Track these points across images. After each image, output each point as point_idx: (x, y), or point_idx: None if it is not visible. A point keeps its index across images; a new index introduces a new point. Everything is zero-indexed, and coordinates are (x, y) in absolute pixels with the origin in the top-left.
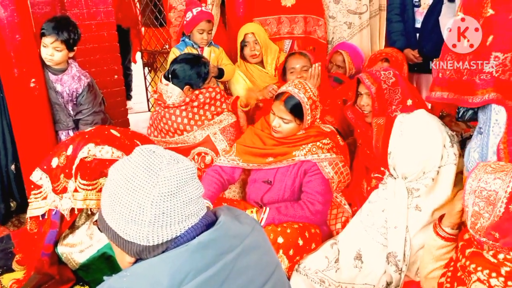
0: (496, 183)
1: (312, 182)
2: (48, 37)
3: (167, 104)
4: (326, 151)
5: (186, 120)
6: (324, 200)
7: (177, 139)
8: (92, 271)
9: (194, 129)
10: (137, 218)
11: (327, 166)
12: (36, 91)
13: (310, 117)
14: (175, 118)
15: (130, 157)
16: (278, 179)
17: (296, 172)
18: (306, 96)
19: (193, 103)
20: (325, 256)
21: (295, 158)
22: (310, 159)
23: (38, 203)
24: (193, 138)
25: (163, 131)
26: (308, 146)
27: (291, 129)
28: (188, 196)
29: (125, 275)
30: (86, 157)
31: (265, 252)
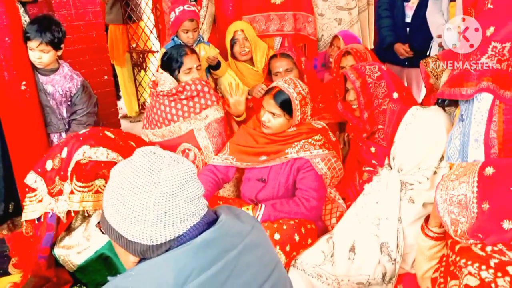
0: (462, 187)
1: (305, 178)
2: (33, 41)
3: (158, 91)
4: (318, 147)
5: (174, 110)
6: (319, 196)
7: (164, 131)
8: (90, 273)
9: (180, 120)
10: (140, 219)
11: (319, 162)
12: (27, 94)
13: (300, 112)
14: (164, 108)
15: (131, 158)
16: (272, 177)
17: (289, 169)
18: (295, 91)
19: (180, 94)
20: (321, 250)
21: (288, 155)
22: (303, 156)
23: (34, 206)
24: (178, 129)
25: (153, 121)
26: (300, 143)
27: (280, 124)
28: (189, 195)
29: (130, 274)
30: (82, 159)
31: (266, 249)
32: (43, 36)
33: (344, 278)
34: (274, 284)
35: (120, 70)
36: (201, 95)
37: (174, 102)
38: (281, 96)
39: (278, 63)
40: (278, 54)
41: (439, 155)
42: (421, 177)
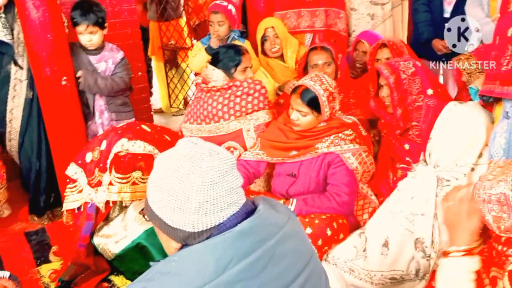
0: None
1: (336, 174)
2: (81, 25)
3: (209, 87)
4: (349, 142)
5: (226, 108)
6: (350, 191)
7: (211, 127)
8: (127, 261)
9: (231, 119)
10: (183, 206)
11: (350, 157)
12: (68, 89)
13: (328, 109)
14: (216, 104)
15: (174, 149)
16: (303, 172)
17: (320, 164)
18: (322, 88)
19: (234, 89)
20: (353, 245)
21: (318, 150)
22: (333, 151)
23: (74, 196)
24: (226, 127)
25: (201, 117)
26: (330, 138)
27: (309, 121)
28: (230, 185)
29: (172, 259)
30: (120, 152)
31: (302, 240)
32: (88, 19)
33: (376, 273)
34: (310, 275)
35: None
36: (255, 95)
37: (227, 100)
38: (308, 95)
39: (317, 56)
40: (319, 47)
41: (477, 152)
42: (458, 173)
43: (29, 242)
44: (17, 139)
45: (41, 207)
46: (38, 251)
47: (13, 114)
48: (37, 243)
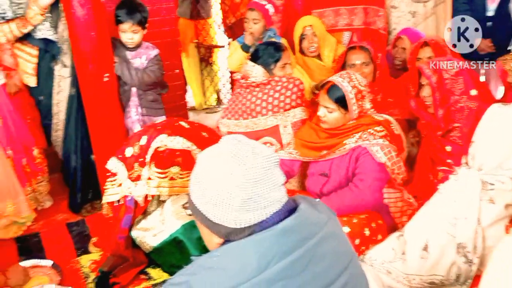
0: None
1: (362, 163)
2: (125, 23)
3: (248, 82)
4: (379, 137)
5: (265, 104)
6: (375, 177)
7: (249, 123)
8: (164, 255)
9: (269, 114)
10: (226, 203)
11: (378, 151)
12: (109, 85)
13: (357, 107)
14: (255, 100)
15: (218, 145)
16: (334, 170)
17: (348, 160)
18: (350, 85)
19: (273, 84)
20: (391, 247)
21: (346, 146)
22: (361, 145)
23: (114, 189)
24: (264, 123)
25: (239, 112)
26: (359, 134)
27: (336, 119)
28: (272, 183)
29: (215, 255)
30: (159, 147)
31: (342, 241)
32: (133, 18)
33: (415, 277)
34: (351, 276)
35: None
36: (294, 91)
37: (266, 95)
38: (335, 91)
39: (355, 55)
40: (357, 46)
41: None
42: (503, 177)
43: (70, 233)
44: (63, 130)
45: (77, 203)
46: (78, 241)
47: (59, 107)
48: (78, 234)
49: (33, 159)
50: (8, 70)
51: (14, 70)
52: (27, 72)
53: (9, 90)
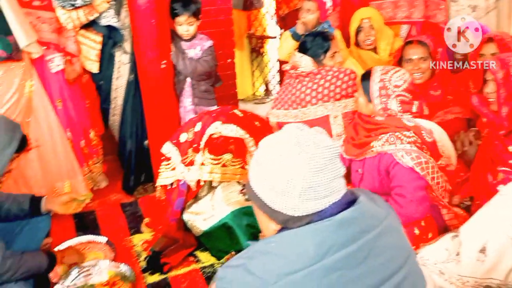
0: None
1: (396, 175)
2: (181, 16)
3: (298, 73)
4: (406, 142)
5: (315, 93)
6: (413, 188)
7: (298, 112)
8: (213, 239)
9: (319, 104)
10: (286, 191)
11: (404, 156)
12: (166, 72)
13: (379, 102)
14: (305, 89)
15: (280, 133)
16: (366, 169)
17: (377, 164)
18: (379, 78)
19: (324, 73)
20: (445, 248)
21: (373, 148)
22: (386, 150)
23: (167, 173)
24: (313, 113)
25: (288, 102)
26: (386, 135)
27: (361, 103)
28: (333, 173)
29: (272, 241)
30: (214, 134)
31: (400, 236)
32: (189, 10)
33: (469, 279)
34: (409, 272)
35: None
36: (345, 80)
37: (316, 85)
38: (366, 75)
39: (413, 50)
40: (415, 40)
41: None
42: None
43: (123, 213)
44: (120, 115)
45: (131, 185)
46: (131, 221)
47: (117, 92)
48: (131, 214)
49: (90, 141)
50: (71, 56)
51: (76, 56)
52: (90, 58)
53: (67, 77)
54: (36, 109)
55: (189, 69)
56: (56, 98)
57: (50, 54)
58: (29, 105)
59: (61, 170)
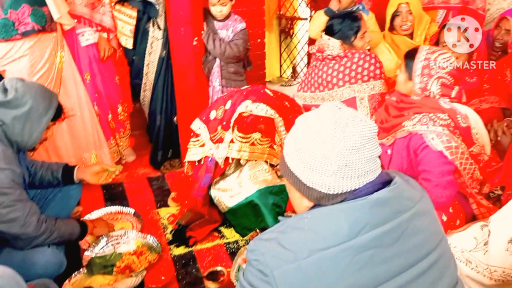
0: None
1: (423, 159)
2: None
3: (324, 56)
4: (439, 125)
5: (341, 75)
6: (440, 172)
7: (325, 95)
8: (238, 216)
9: (345, 86)
10: (322, 168)
11: (434, 138)
12: (197, 49)
13: (419, 80)
14: (331, 72)
15: (318, 111)
16: (396, 150)
17: (407, 144)
18: (424, 57)
19: (350, 56)
20: (473, 236)
21: (405, 128)
22: (417, 130)
23: (196, 149)
24: (340, 95)
25: (315, 84)
26: (419, 115)
27: (400, 80)
28: (370, 153)
29: (306, 217)
30: (244, 112)
31: (434, 219)
32: None
33: (498, 269)
34: (441, 255)
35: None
36: (372, 62)
37: (343, 67)
38: (411, 53)
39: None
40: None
41: None
42: None
43: (150, 186)
44: (151, 91)
45: (158, 160)
46: (158, 195)
47: (149, 68)
48: (158, 188)
49: (117, 116)
50: (108, 32)
51: (112, 32)
52: (125, 33)
53: (102, 53)
54: (66, 81)
55: (218, 51)
56: (85, 71)
57: (81, 27)
58: (59, 76)
59: (89, 141)
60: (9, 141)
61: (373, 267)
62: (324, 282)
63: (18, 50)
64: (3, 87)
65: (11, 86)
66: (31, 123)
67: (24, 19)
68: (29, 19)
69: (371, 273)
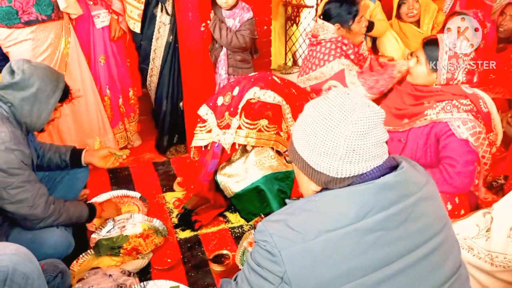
0: None
1: (447, 146)
2: None
3: (318, 40)
4: (463, 111)
5: (333, 52)
6: (464, 161)
7: (317, 72)
8: (244, 201)
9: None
10: (330, 152)
11: (460, 126)
12: (205, 35)
13: (446, 71)
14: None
15: (327, 97)
16: (411, 138)
17: (428, 132)
18: (449, 46)
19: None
20: (475, 224)
21: (427, 117)
22: (442, 118)
23: (203, 135)
24: (330, 69)
25: (309, 65)
26: (442, 104)
27: (421, 74)
28: (377, 138)
29: (314, 199)
30: (252, 99)
31: (439, 204)
32: None
33: (499, 255)
34: (445, 239)
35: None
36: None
37: (334, 45)
38: (432, 45)
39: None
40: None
41: None
42: None
43: (156, 171)
44: (157, 76)
45: (164, 145)
46: (164, 180)
47: (156, 53)
48: (163, 173)
49: (128, 100)
50: (117, 15)
51: (121, 15)
52: (133, 17)
53: (113, 34)
54: (71, 66)
55: (224, 41)
56: (100, 54)
57: (97, 10)
58: (63, 61)
59: (93, 127)
60: (18, 122)
61: (379, 249)
62: (331, 263)
63: (21, 33)
64: (10, 68)
65: (18, 67)
66: (39, 104)
67: (28, 9)
68: (33, 9)
69: (376, 255)
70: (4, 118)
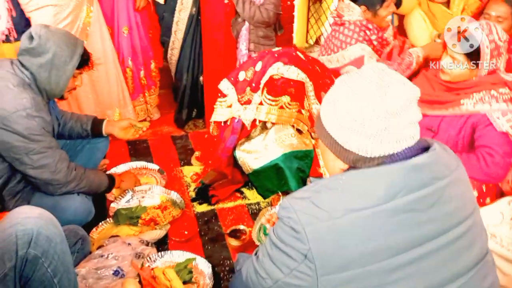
0: None
1: (485, 135)
2: None
3: (342, 21)
4: (502, 101)
5: (356, 35)
6: (503, 152)
7: (339, 56)
8: (262, 178)
9: (358, 44)
10: (360, 130)
11: (500, 118)
12: (228, 8)
13: (488, 64)
14: (348, 32)
15: (360, 71)
16: (443, 128)
17: (463, 123)
18: (489, 38)
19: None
20: (499, 211)
21: (463, 107)
22: (479, 110)
23: (223, 110)
24: (351, 52)
25: (331, 46)
26: (479, 94)
27: (461, 73)
28: (410, 118)
29: (341, 178)
30: (275, 75)
31: (469, 189)
32: None
33: None
34: (473, 224)
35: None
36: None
37: (358, 28)
38: (469, 41)
39: (495, 5)
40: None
41: None
42: None
43: (174, 145)
44: (179, 49)
45: (183, 119)
46: (182, 153)
47: (178, 26)
48: (181, 147)
49: (150, 72)
50: None
51: None
52: None
53: (138, 4)
54: (92, 36)
55: (247, 15)
56: (123, 25)
57: None
58: (84, 30)
59: (112, 98)
60: (38, 89)
61: (405, 231)
62: (357, 242)
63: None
64: (29, 34)
65: (36, 33)
66: (56, 70)
67: None
68: None
69: (403, 237)
70: (26, 84)
